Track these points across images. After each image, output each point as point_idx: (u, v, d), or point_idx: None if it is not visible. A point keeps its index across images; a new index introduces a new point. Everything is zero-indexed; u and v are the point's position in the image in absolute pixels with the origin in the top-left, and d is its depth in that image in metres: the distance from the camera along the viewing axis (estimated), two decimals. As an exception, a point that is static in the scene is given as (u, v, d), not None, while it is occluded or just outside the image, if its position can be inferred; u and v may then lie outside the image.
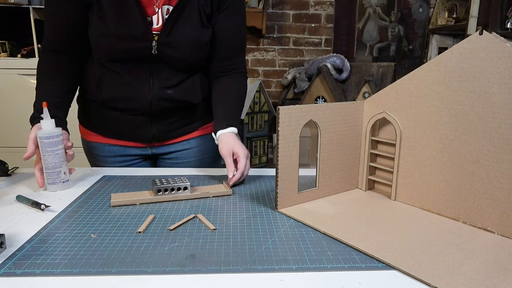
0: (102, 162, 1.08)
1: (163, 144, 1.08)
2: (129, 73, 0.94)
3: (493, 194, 0.62)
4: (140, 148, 1.07)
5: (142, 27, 0.90)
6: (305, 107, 0.71)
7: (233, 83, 1.05)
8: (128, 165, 1.08)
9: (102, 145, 1.06)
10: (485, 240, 0.61)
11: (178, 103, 1.01)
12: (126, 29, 0.89)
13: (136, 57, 0.92)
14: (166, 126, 1.04)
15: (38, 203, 0.72)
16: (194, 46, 0.95)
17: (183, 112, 1.04)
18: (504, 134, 0.60)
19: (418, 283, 0.50)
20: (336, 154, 0.79)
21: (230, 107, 1.01)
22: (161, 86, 0.97)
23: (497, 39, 0.59)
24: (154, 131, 1.03)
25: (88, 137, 1.08)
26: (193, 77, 1.01)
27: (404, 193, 0.76)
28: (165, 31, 0.92)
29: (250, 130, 2.44)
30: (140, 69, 0.95)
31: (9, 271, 0.51)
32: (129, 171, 1.00)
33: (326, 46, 2.90)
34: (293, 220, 0.69)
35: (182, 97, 1.00)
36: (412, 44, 2.94)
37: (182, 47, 0.94)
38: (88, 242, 0.60)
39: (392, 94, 0.75)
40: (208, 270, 0.52)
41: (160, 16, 0.92)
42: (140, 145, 1.06)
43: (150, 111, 0.98)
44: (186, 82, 1.00)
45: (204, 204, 0.77)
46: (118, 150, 1.06)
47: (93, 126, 1.06)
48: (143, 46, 0.91)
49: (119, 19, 0.88)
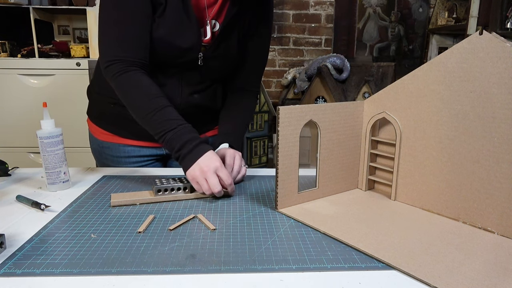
0: (115, 163, 1.07)
1: None
2: (162, 76, 0.94)
3: (493, 194, 0.62)
4: (155, 148, 1.07)
5: (195, 38, 0.90)
6: (305, 107, 0.71)
7: (245, 101, 1.07)
8: (141, 166, 1.08)
9: (117, 145, 1.05)
10: (485, 240, 0.61)
11: (202, 108, 1.03)
12: (181, 37, 0.89)
13: (180, 64, 0.93)
14: None
15: (38, 203, 0.72)
16: (231, 64, 1.00)
17: (202, 116, 1.05)
18: (504, 134, 0.60)
19: (418, 283, 0.50)
20: (336, 154, 0.79)
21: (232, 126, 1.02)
22: (190, 91, 0.98)
23: (497, 39, 0.59)
24: None
25: (101, 137, 1.06)
26: (216, 84, 1.04)
27: (404, 193, 0.76)
28: (213, 45, 0.93)
29: (250, 130, 2.44)
30: (172, 73, 0.95)
31: (9, 271, 0.51)
32: (129, 171, 0.99)
33: (326, 46, 2.90)
34: (293, 220, 0.69)
35: (206, 103, 1.02)
36: (412, 44, 2.94)
37: (224, 62, 0.97)
38: (88, 242, 0.60)
39: (392, 94, 0.75)
40: (208, 270, 0.52)
41: (209, 29, 0.93)
42: (156, 145, 1.06)
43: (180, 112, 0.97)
44: (210, 88, 1.02)
45: (204, 204, 0.77)
46: (133, 151, 1.05)
47: (110, 126, 1.05)
48: (191, 57, 0.92)
49: (175, 26, 0.88)
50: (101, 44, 0.86)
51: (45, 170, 0.83)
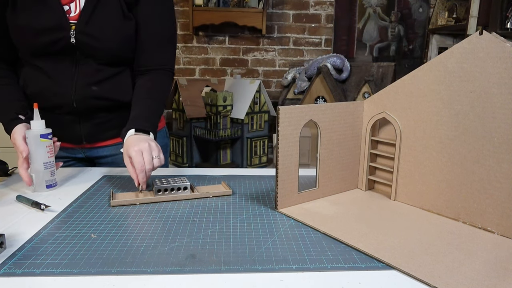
0: None
1: (94, 146, 1.04)
2: (53, 68, 0.91)
3: (493, 194, 0.62)
4: (71, 149, 1.03)
5: (57, 17, 0.87)
6: (305, 107, 0.71)
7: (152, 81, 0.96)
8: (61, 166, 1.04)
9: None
10: (485, 240, 0.61)
11: (106, 101, 0.96)
12: (40, 21, 0.86)
13: (56, 50, 0.89)
14: (96, 126, 0.99)
15: (38, 203, 0.72)
16: (116, 38, 0.91)
17: (115, 112, 0.98)
18: (504, 134, 0.60)
19: (418, 283, 0.50)
20: (336, 154, 0.79)
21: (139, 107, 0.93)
22: (85, 82, 0.92)
23: (497, 39, 0.59)
24: (82, 131, 0.99)
25: None
26: (122, 74, 0.97)
27: (404, 193, 0.76)
28: (83, 20, 0.88)
29: (250, 130, 2.44)
30: (64, 64, 0.91)
31: (9, 271, 0.51)
32: (129, 171, 0.99)
33: (326, 46, 2.90)
34: (293, 220, 0.69)
35: (109, 95, 0.95)
36: (412, 44, 2.94)
37: (104, 38, 0.90)
38: (88, 242, 0.60)
39: (392, 94, 0.75)
40: (208, 270, 0.52)
41: (78, 4, 0.89)
42: (70, 145, 1.02)
43: (75, 108, 0.94)
44: (114, 78, 0.95)
45: (204, 204, 0.77)
46: None
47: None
48: (60, 37, 0.87)
49: (33, 10, 0.86)
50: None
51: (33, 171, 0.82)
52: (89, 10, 0.89)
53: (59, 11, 0.87)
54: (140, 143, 0.80)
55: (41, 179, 0.83)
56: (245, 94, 2.42)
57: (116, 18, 0.91)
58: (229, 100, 2.38)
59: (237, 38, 2.80)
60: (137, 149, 0.79)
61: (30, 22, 0.86)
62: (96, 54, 0.92)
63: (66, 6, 0.89)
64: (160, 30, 0.97)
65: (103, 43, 0.91)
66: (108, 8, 0.90)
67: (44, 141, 0.82)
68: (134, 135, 0.85)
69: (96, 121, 0.99)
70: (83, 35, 0.89)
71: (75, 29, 0.88)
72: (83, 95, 0.93)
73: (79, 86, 0.93)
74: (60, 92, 0.93)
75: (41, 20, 0.87)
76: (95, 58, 0.92)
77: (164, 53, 0.99)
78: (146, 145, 0.81)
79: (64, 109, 0.95)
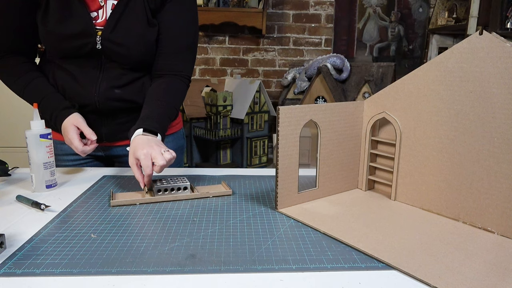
0: (57, 161, 1.05)
1: (114, 145, 1.05)
2: (79, 70, 0.94)
3: (493, 194, 0.62)
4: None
5: (84, 23, 0.89)
6: (305, 107, 0.71)
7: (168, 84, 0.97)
8: (79, 165, 1.06)
9: (55, 142, 1.02)
10: (485, 240, 0.61)
11: (127, 103, 0.99)
12: (68, 26, 0.89)
13: (83, 54, 0.92)
14: (117, 126, 1.02)
15: (38, 203, 0.72)
16: (140, 44, 0.94)
17: (135, 113, 0.98)
18: (504, 134, 0.60)
19: (418, 283, 0.50)
20: (336, 154, 0.79)
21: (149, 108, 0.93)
22: (109, 85, 0.95)
23: (497, 39, 0.59)
24: (104, 130, 1.01)
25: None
26: (144, 78, 1.00)
27: (404, 193, 0.76)
28: (109, 27, 0.91)
29: (250, 130, 2.44)
30: (90, 67, 0.94)
31: (9, 271, 0.51)
32: (129, 171, 0.99)
33: (326, 46, 2.90)
34: (293, 220, 0.69)
35: (131, 97, 0.98)
36: (412, 44, 2.94)
37: (128, 45, 0.93)
38: (88, 242, 0.60)
39: (392, 94, 0.75)
40: (208, 270, 0.52)
41: (105, 11, 0.92)
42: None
43: (98, 109, 0.96)
44: (136, 82, 0.99)
45: (204, 204, 0.77)
46: (69, 149, 1.02)
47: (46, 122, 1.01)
48: (86, 42, 0.91)
49: (61, 16, 0.88)
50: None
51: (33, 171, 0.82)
52: (115, 17, 0.91)
53: (86, 18, 0.90)
54: (148, 146, 0.79)
55: (41, 179, 0.83)
56: (245, 94, 2.42)
57: (141, 26, 0.93)
58: (229, 100, 2.38)
59: (237, 38, 2.80)
60: (146, 152, 0.78)
61: (58, 28, 0.89)
62: (121, 60, 0.95)
63: (94, 12, 0.92)
64: (181, 37, 0.98)
65: (127, 50, 0.93)
66: (133, 15, 0.92)
67: (44, 141, 0.82)
68: (142, 135, 0.84)
69: (117, 121, 1.02)
70: (108, 41, 0.92)
71: (101, 36, 0.91)
72: (106, 97, 0.96)
73: (102, 88, 0.96)
74: (84, 93, 0.95)
75: (68, 26, 0.89)
76: (120, 63, 0.95)
77: (182, 60, 1.00)
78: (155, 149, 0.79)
79: (88, 108, 0.97)
